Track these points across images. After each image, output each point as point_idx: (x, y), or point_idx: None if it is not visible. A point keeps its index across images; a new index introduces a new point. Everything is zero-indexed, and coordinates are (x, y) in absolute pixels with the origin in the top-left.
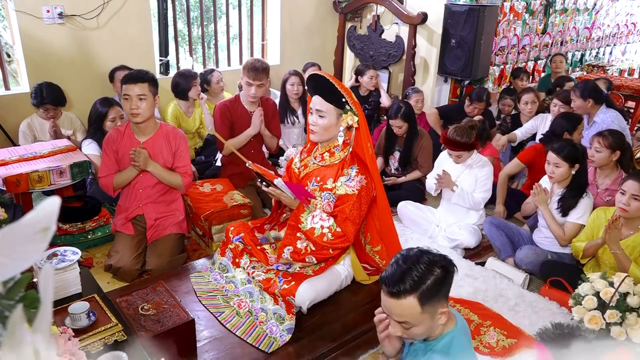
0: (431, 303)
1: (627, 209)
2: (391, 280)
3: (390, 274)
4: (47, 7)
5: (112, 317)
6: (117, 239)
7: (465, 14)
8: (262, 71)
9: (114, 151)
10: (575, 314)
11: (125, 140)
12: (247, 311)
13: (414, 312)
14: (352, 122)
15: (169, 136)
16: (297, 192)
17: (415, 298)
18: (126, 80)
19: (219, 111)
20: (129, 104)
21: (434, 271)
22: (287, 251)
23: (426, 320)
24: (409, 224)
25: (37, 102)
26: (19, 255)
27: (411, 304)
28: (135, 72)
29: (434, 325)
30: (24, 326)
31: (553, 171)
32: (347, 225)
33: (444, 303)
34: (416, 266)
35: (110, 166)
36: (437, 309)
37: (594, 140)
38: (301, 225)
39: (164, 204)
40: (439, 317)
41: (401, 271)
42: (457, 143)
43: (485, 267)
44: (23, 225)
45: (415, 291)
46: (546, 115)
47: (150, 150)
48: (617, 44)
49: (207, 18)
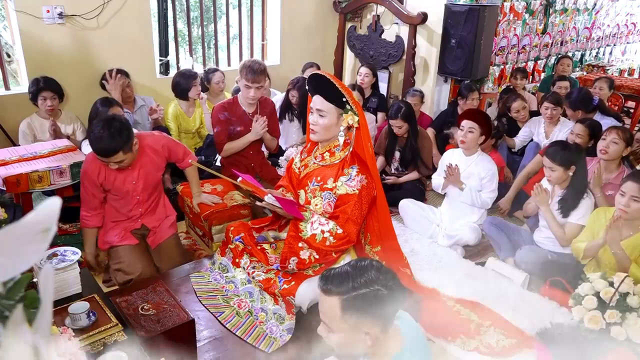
0: (355, 315)
1: (627, 211)
2: (328, 276)
3: (333, 271)
4: (47, 7)
5: (112, 317)
6: (119, 254)
7: (465, 14)
8: (260, 73)
9: (94, 184)
10: (575, 314)
11: (109, 170)
12: (247, 311)
13: (334, 315)
14: (353, 122)
15: (150, 148)
16: (287, 208)
17: (339, 300)
18: (97, 154)
19: (217, 113)
20: (113, 167)
21: (371, 286)
22: (292, 262)
23: (346, 331)
24: (410, 222)
25: (34, 90)
26: (20, 256)
27: (333, 304)
28: (105, 149)
29: (356, 342)
30: (24, 326)
31: (550, 175)
32: (349, 225)
33: (372, 324)
34: (358, 273)
35: (91, 200)
36: (361, 325)
37: (611, 132)
38: (302, 233)
39: (158, 208)
40: (363, 336)
41: (341, 271)
42: (473, 112)
43: (485, 267)
44: (23, 226)
45: (341, 294)
46: (539, 119)
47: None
48: (617, 44)
49: (207, 18)
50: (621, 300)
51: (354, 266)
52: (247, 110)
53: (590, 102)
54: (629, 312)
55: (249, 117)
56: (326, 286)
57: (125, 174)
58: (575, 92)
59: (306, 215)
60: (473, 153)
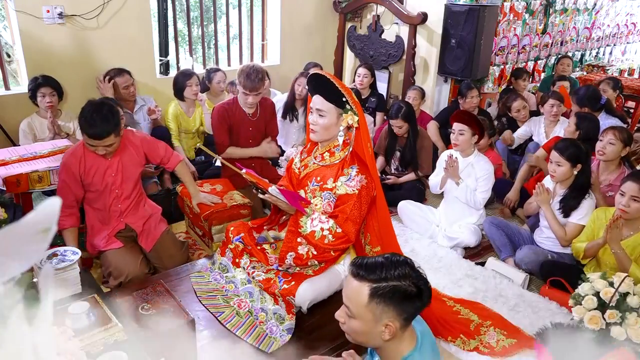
0: (380, 305)
1: (627, 211)
2: (361, 263)
3: (366, 259)
4: (47, 7)
5: (112, 317)
6: (107, 258)
7: (465, 14)
8: (258, 82)
9: (74, 178)
10: (575, 314)
11: (89, 161)
12: (247, 311)
13: (359, 301)
14: (352, 122)
15: (130, 142)
16: (292, 200)
17: (368, 288)
18: (90, 137)
19: (217, 114)
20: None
21: (403, 280)
22: (289, 257)
23: (367, 319)
24: (409, 224)
25: (33, 86)
26: (20, 256)
27: (360, 290)
28: (98, 132)
29: (374, 333)
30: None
31: (555, 170)
32: (348, 225)
33: (394, 318)
34: (392, 265)
35: (67, 195)
36: (383, 315)
37: (607, 133)
38: (301, 229)
39: (140, 207)
40: (382, 328)
41: (375, 260)
42: (462, 114)
43: (485, 267)
44: (23, 226)
45: (372, 282)
46: (539, 119)
47: (121, 163)
48: (617, 44)
49: (207, 18)
50: (621, 300)
51: (388, 258)
52: (247, 111)
53: (598, 100)
54: (629, 312)
55: (248, 118)
56: (358, 271)
57: (105, 165)
58: (584, 89)
59: (307, 210)
60: (470, 154)
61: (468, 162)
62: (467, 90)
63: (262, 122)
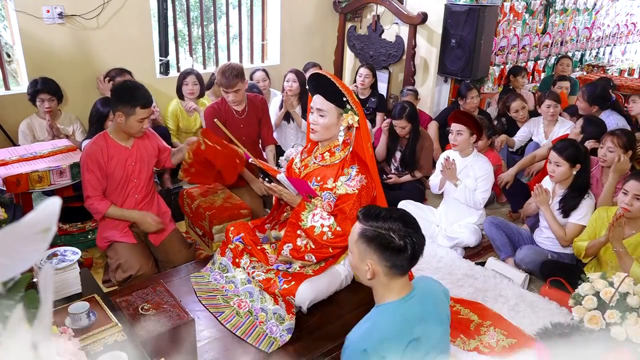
0: (363, 245)
1: (629, 209)
2: (368, 209)
3: (374, 208)
4: (47, 7)
5: (112, 317)
6: (119, 250)
7: (465, 14)
8: (233, 78)
9: (99, 166)
10: (575, 314)
11: (111, 150)
12: (247, 311)
13: (352, 237)
14: (353, 122)
15: (145, 133)
16: (299, 188)
17: (359, 228)
18: (144, 105)
19: (208, 114)
20: (143, 125)
21: (389, 232)
22: (286, 248)
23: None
24: None
25: (32, 91)
26: (20, 256)
27: (355, 227)
28: (147, 95)
29: (361, 269)
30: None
31: (554, 170)
32: (347, 224)
33: (375, 262)
34: (387, 216)
35: (97, 185)
36: (366, 256)
37: (606, 140)
38: (301, 222)
39: (154, 203)
40: (366, 267)
41: (377, 211)
42: (459, 115)
43: (485, 267)
44: (23, 226)
45: (363, 224)
46: (538, 119)
47: (139, 153)
48: (617, 44)
49: (207, 18)
50: (621, 300)
51: (391, 211)
52: (237, 108)
53: (609, 99)
54: (629, 312)
55: (237, 116)
56: (360, 212)
57: (126, 154)
58: (594, 87)
59: (311, 205)
60: (469, 154)
61: (467, 161)
62: (466, 91)
63: (254, 118)
